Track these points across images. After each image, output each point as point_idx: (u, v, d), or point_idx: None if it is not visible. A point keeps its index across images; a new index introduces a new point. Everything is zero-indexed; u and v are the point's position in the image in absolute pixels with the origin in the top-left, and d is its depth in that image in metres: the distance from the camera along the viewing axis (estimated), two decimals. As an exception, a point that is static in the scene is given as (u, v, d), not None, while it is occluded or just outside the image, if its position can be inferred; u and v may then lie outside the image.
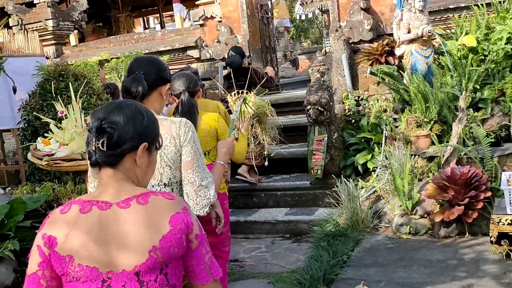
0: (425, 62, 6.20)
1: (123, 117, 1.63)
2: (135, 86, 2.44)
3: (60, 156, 3.51)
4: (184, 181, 2.50)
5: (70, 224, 1.57)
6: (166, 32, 10.59)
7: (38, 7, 10.40)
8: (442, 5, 7.26)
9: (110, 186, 1.63)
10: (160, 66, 2.59)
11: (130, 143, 1.62)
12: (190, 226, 1.62)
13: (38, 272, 1.59)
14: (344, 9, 7.97)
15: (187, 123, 2.53)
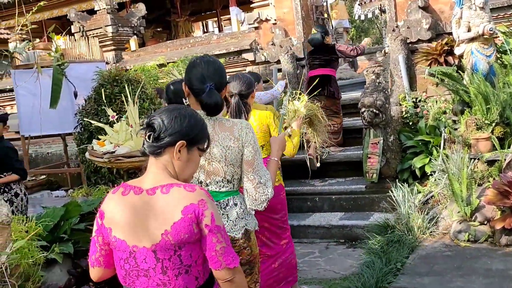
0: (486, 62, 5.92)
1: (168, 117, 1.97)
2: (213, 101, 2.59)
3: (121, 153, 3.68)
4: (244, 178, 2.68)
5: (114, 203, 1.94)
6: (222, 35, 10.67)
7: (98, 14, 10.72)
8: (505, 1, 6.94)
9: (150, 173, 1.97)
10: (222, 72, 2.73)
11: (169, 139, 1.94)
12: (200, 217, 1.86)
13: (95, 237, 2.00)
14: (401, 8, 7.75)
15: (248, 124, 2.73)
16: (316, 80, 6.76)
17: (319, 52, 7.38)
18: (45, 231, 3.67)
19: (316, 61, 7.38)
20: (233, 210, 2.70)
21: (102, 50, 10.43)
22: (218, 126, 2.66)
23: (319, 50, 7.41)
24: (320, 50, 7.39)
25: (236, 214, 2.70)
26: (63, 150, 9.20)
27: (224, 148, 2.63)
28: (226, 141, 2.64)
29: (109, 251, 1.98)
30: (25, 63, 9.08)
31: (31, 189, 8.44)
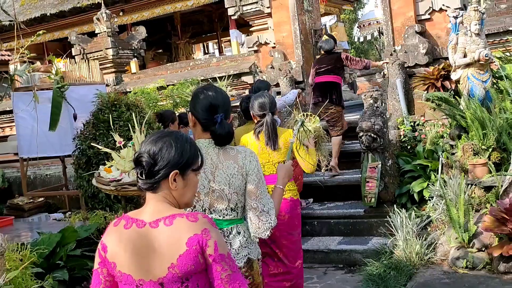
0: (482, 87, 5.96)
1: (155, 150, 1.95)
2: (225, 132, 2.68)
3: (127, 182, 3.73)
4: (248, 206, 2.70)
5: (116, 237, 1.93)
6: (221, 58, 10.76)
7: (99, 36, 10.81)
8: (501, 27, 7.00)
9: (149, 206, 1.97)
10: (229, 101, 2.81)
11: (161, 173, 1.94)
12: (204, 247, 1.87)
13: (98, 269, 1.98)
14: (399, 33, 7.83)
15: (252, 153, 2.76)
16: (321, 86, 7.40)
17: (327, 59, 7.60)
18: (40, 258, 3.65)
19: (322, 68, 7.57)
20: (236, 239, 2.72)
21: (103, 73, 10.49)
22: (222, 155, 2.70)
23: (326, 57, 7.63)
24: (328, 58, 7.61)
25: (239, 242, 2.72)
26: (62, 172, 9.19)
27: (228, 176, 2.67)
28: (230, 169, 2.67)
29: (114, 282, 1.98)
30: (25, 86, 9.12)
31: (29, 212, 8.41)
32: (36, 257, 3.54)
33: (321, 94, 7.43)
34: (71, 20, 15.52)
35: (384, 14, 7.97)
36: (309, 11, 9.36)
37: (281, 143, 4.37)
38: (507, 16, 7.47)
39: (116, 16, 12.20)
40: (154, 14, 14.56)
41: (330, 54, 7.66)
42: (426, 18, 7.67)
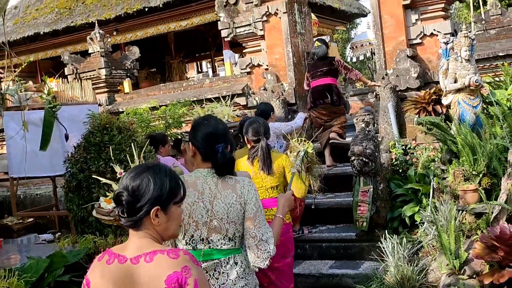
0: (473, 112, 5.99)
1: (134, 187, 1.93)
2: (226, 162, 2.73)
3: None
4: (246, 235, 2.71)
5: (99, 272, 1.93)
6: (214, 80, 10.79)
7: (92, 56, 10.83)
8: (491, 53, 7.09)
9: (132, 241, 1.97)
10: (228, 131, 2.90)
11: (142, 210, 1.93)
12: (184, 285, 1.84)
13: None
14: (390, 57, 7.89)
15: (250, 182, 2.78)
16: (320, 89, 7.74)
17: (321, 64, 7.92)
18: (28, 284, 3.61)
19: (318, 72, 7.88)
20: (233, 270, 2.70)
21: (95, 92, 10.50)
22: (221, 184, 2.73)
23: (320, 62, 7.95)
24: (322, 62, 7.93)
25: (236, 273, 2.70)
26: (53, 191, 9.14)
27: (226, 206, 2.68)
28: (228, 198, 2.69)
29: None
30: (16, 105, 9.10)
31: (18, 232, 8.34)
32: (24, 284, 3.49)
33: (321, 96, 7.78)
34: (64, 39, 15.60)
35: (376, 38, 8.05)
36: (302, 34, 9.44)
37: (274, 168, 4.42)
38: (496, 42, 7.58)
39: (110, 35, 12.24)
40: (148, 34, 14.65)
41: (323, 59, 7.97)
42: (417, 43, 7.75)
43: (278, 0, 8.92)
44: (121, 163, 4.75)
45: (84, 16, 15.01)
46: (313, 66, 8.05)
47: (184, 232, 2.68)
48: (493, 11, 15.89)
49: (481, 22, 15.49)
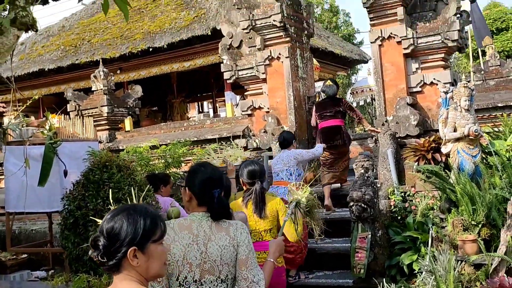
0: (472, 162, 6.02)
1: (109, 230, 1.92)
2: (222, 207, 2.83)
3: None
4: (238, 277, 2.77)
5: None
6: (215, 120, 10.86)
7: (95, 94, 10.93)
8: (490, 103, 7.17)
9: (114, 285, 1.94)
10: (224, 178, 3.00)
11: (119, 253, 1.91)
12: None
13: None
14: (390, 104, 7.97)
15: (243, 225, 2.87)
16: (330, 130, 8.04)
17: (329, 104, 8.18)
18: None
19: (327, 113, 8.12)
20: None
21: (96, 129, 10.55)
22: (215, 227, 2.80)
23: (329, 102, 8.21)
24: (330, 102, 8.19)
25: None
26: (48, 228, 9.06)
27: (220, 248, 2.75)
28: (222, 240, 2.77)
29: None
30: (17, 140, 9.13)
31: (11, 268, 8.22)
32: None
33: (331, 138, 8.05)
34: (68, 76, 15.78)
35: (376, 84, 8.15)
36: (304, 78, 9.56)
37: (268, 212, 4.45)
38: (495, 92, 7.67)
39: (113, 74, 12.40)
40: (151, 73, 14.83)
41: (332, 99, 8.22)
42: (417, 91, 7.85)
43: (281, 45, 9.07)
44: (119, 202, 4.74)
45: (89, 54, 15.22)
46: (322, 106, 8.32)
47: (178, 274, 2.72)
48: (492, 62, 16.16)
49: (480, 72, 15.73)
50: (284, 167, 6.81)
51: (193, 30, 13.43)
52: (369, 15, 7.96)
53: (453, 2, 7.56)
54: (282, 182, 6.70)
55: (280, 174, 6.84)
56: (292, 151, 7.01)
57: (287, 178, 6.71)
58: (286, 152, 7.00)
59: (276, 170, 6.91)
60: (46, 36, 17.72)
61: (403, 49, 7.73)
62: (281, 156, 7.00)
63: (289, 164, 6.81)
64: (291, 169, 6.77)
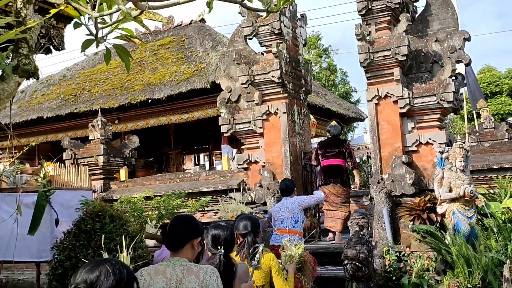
0: (467, 223, 5.99)
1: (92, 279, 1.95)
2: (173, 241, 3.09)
3: None
4: None
5: None
6: (211, 173, 10.84)
7: (92, 143, 10.94)
8: (485, 165, 7.19)
9: None
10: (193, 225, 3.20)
11: None
12: None
13: None
14: (386, 162, 7.99)
15: (213, 269, 3.02)
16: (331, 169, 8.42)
17: (332, 144, 8.63)
18: None
19: (330, 152, 8.55)
20: None
21: (91, 179, 10.49)
22: (186, 270, 2.95)
23: (332, 142, 8.69)
24: (333, 142, 8.65)
25: None
26: (36, 278, 8.86)
27: None
28: (192, 283, 2.90)
29: None
30: (10, 187, 9.06)
31: (-5, 319, 7.97)
32: None
33: (332, 175, 8.43)
34: (66, 124, 15.87)
35: (372, 142, 8.20)
36: (300, 134, 9.63)
37: (261, 265, 4.43)
38: (490, 154, 7.71)
39: (111, 124, 12.46)
40: (149, 124, 14.92)
41: (336, 139, 8.67)
42: (413, 150, 7.89)
43: (279, 101, 9.18)
44: (110, 252, 4.66)
45: (88, 103, 15.36)
46: (326, 145, 8.74)
47: None
48: (487, 124, 16.36)
49: (475, 134, 15.90)
50: (288, 214, 6.80)
51: (193, 84, 13.63)
52: (366, 74, 8.10)
53: (449, 65, 7.71)
54: (287, 230, 6.55)
55: (285, 222, 6.78)
56: (296, 198, 7.06)
57: (292, 226, 6.71)
58: (289, 199, 7.00)
59: (279, 217, 6.88)
60: (47, 85, 17.93)
61: (399, 108, 7.82)
62: (284, 203, 6.98)
63: (293, 211, 6.82)
64: (296, 216, 6.80)
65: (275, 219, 6.98)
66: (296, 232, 6.67)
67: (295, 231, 6.67)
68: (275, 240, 6.65)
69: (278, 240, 6.44)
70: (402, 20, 7.87)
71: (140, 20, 3.73)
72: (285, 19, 9.36)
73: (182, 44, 16.16)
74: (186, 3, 3.33)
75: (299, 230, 6.78)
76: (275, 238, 6.67)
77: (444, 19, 7.97)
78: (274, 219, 7.00)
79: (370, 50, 7.87)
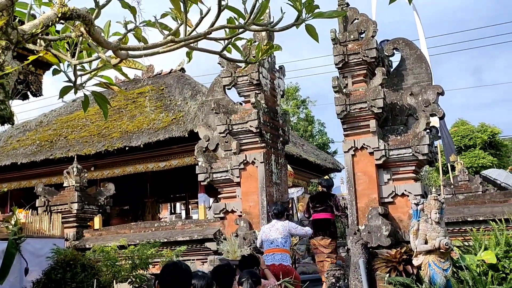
0: (443, 275, 5.98)
1: None
2: None
3: None
4: None
5: None
6: (187, 222, 10.71)
7: (66, 190, 10.79)
8: (460, 217, 7.25)
9: None
10: None
11: None
12: None
13: None
14: (362, 213, 8.01)
15: None
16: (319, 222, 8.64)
17: (322, 198, 8.89)
18: None
19: (319, 206, 8.80)
20: None
21: (64, 226, 10.28)
22: None
23: (322, 196, 8.94)
24: (323, 196, 8.90)
25: None
26: (2, 330, 8.51)
27: None
28: None
29: None
30: (-20, 235, 8.81)
31: None
32: None
33: (321, 229, 8.66)
34: (41, 171, 15.64)
35: (349, 193, 8.23)
36: (277, 184, 9.63)
37: None
38: (465, 206, 7.80)
39: (87, 171, 12.32)
40: (126, 172, 14.80)
41: (325, 193, 8.92)
42: (389, 201, 7.94)
43: (256, 150, 9.21)
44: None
45: (64, 150, 15.21)
46: (316, 199, 9.00)
47: None
48: (461, 177, 16.59)
49: (450, 186, 16.08)
50: (279, 235, 7.31)
51: (171, 132, 13.63)
52: (343, 125, 8.21)
53: (423, 118, 7.87)
54: (278, 250, 7.23)
55: (275, 242, 7.33)
56: (287, 222, 7.56)
57: (282, 245, 7.27)
58: (280, 222, 7.46)
59: (269, 238, 7.39)
60: (23, 131, 17.75)
61: (375, 160, 7.91)
62: (275, 225, 7.45)
63: (283, 233, 7.33)
64: (286, 238, 7.34)
65: (265, 240, 7.43)
66: (287, 251, 7.30)
67: (285, 250, 7.27)
68: (268, 260, 7.09)
69: (270, 259, 7.07)
70: (378, 74, 8.07)
71: (120, 68, 3.76)
72: (263, 70, 9.51)
73: (161, 93, 16.25)
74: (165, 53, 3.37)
75: (288, 249, 7.40)
76: (267, 258, 7.13)
77: (419, 74, 8.19)
78: (265, 240, 7.44)
79: (347, 102, 8.02)
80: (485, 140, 30.86)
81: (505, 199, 7.76)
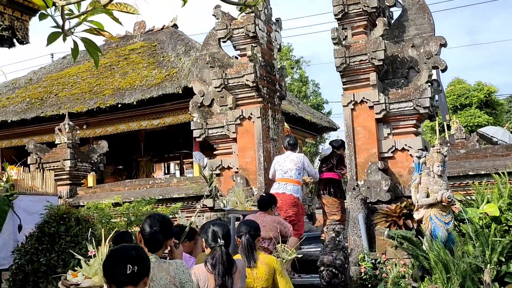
0: (445, 229, 5.88)
1: None
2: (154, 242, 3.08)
3: (84, 286, 4.02)
4: None
5: None
6: (182, 179, 10.58)
7: (58, 147, 10.57)
8: (461, 171, 7.13)
9: None
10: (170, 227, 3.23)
11: None
12: None
13: None
14: (361, 168, 7.87)
15: (182, 263, 3.10)
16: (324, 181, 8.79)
17: (329, 158, 8.94)
18: None
19: (325, 166, 8.92)
20: None
21: (57, 184, 10.12)
22: (156, 267, 2.95)
23: (329, 156, 8.97)
24: (329, 156, 8.95)
25: None
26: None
27: (161, 287, 2.91)
28: (163, 280, 2.93)
29: None
30: (-29, 191, 8.64)
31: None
32: None
33: (325, 188, 8.81)
34: (32, 129, 15.39)
35: (348, 148, 8.07)
36: (274, 140, 9.45)
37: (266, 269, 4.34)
38: (466, 161, 7.67)
39: (79, 129, 12.10)
40: (119, 130, 14.57)
41: (332, 153, 8.95)
42: (389, 156, 7.79)
43: (253, 105, 9.00)
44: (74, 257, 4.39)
45: (55, 107, 14.93)
46: (324, 159, 9.10)
47: None
48: (458, 135, 16.52)
49: (447, 144, 16.00)
50: (294, 166, 7.59)
51: (164, 88, 13.36)
52: (342, 79, 7.99)
53: (425, 70, 7.65)
54: (291, 180, 7.51)
55: (289, 172, 7.59)
56: (302, 156, 7.94)
57: (295, 176, 7.55)
58: (294, 154, 7.77)
59: (283, 168, 7.65)
60: (12, 88, 17.40)
61: (375, 114, 7.72)
62: (290, 156, 7.76)
63: (298, 164, 7.63)
64: (300, 169, 7.64)
65: (278, 169, 7.68)
66: (299, 182, 7.59)
67: (298, 181, 7.56)
68: (279, 188, 7.38)
69: (282, 188, 7.37)
70: (379, 25, 7.80)
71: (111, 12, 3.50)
72: (260, 22, 9.21)
73: (154, 49, 15.89)
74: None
75: (300, 181, 7.68)
76: (278, 187, 7.43)
77: (421, 25, 7.93)
78: (277, 169, 7.69)
79: (346, 55, 7.77)
80: (481, 99, 30.72)
81: (507, 153, 7.63)
